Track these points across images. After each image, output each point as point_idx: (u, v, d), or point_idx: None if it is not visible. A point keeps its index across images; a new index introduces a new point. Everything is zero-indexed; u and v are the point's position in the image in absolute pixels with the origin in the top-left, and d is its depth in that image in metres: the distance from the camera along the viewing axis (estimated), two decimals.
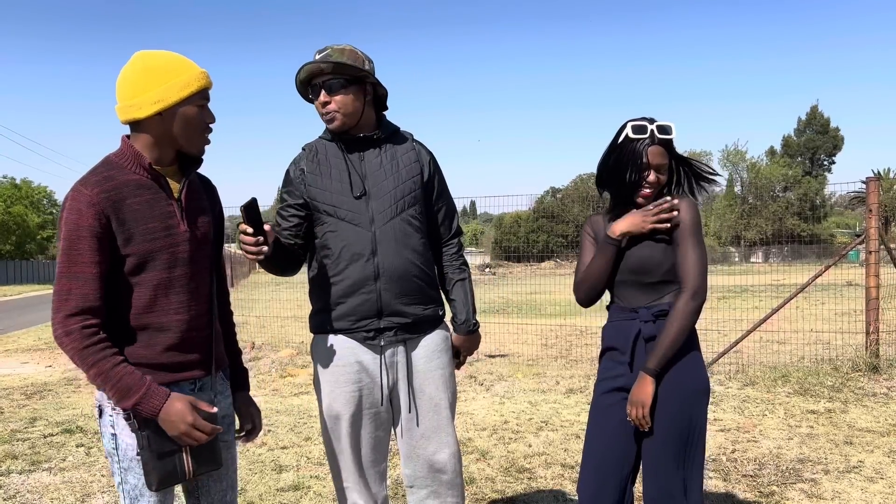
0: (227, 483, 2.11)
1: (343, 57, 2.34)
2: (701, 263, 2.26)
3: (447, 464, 2.51)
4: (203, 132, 1.96)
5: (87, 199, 1.79)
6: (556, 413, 5.80)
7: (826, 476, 4.10)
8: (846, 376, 6.62)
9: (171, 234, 1.90)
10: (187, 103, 1.89)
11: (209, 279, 2.04)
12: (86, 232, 1.78)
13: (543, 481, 4.16)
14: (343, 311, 2.42)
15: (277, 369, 8.22)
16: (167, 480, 1.87)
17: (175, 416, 1.82)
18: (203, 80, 1.91)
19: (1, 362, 10.07)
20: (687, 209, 2.28)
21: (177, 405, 1.82)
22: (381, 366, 2.44)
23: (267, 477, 4.31)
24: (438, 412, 2.50)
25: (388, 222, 2.40)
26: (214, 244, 2.09)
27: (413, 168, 2.49)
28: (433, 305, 2.52)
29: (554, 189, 66.49)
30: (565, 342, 10.23)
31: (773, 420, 5.36)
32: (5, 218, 48.41)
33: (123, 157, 1.90)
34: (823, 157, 61.15)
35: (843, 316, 10.32)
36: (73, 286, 1.78)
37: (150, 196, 1.89)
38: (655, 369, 2.24)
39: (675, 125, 2.32)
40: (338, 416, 2.45)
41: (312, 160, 2.47)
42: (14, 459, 4.76)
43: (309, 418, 5.82)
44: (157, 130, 1.89)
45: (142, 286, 1.87)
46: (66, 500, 3.98)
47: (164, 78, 1.86)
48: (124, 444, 1.89)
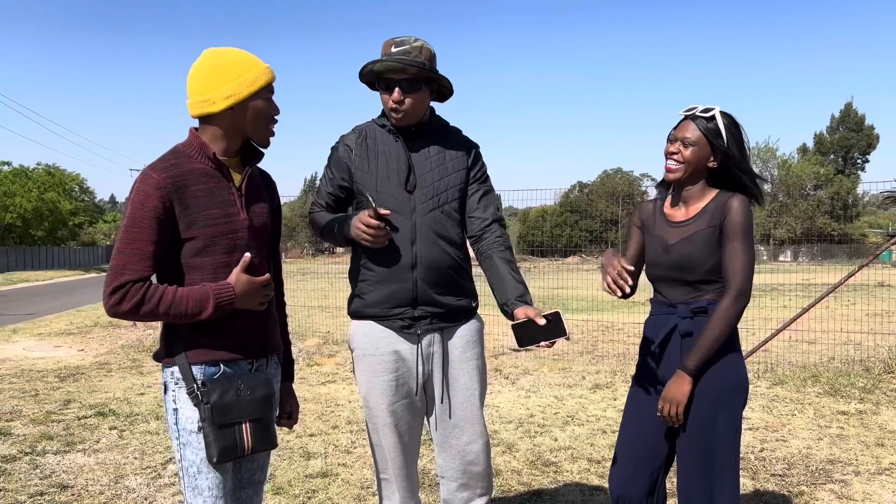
0: (258, 463, 2.17)
1: (422, 57, 2.36)
2: (749, 266, 2.23)
3: (479, 455, 2.53)
4: (270, 123, 2.06)
5: (154, 183, 1.89)
6: (583, 408, 5.79)
7: (857, 477, 4.06)
8: (878, 378, 6.53)
9: (232, 221, 1.99)
10: (257, 97, 1.99)
11: (266, 266, 2.12)
12: (149, 212, 1.87)
13: (569, 475, 4.17)
14: (378, 298, 2.45)
15: (304, 358, 8.30)
16: (227, 453, 1.92)
17: (247, 286, 1.95)
18: (269, 75, 2.02)
19: (34, 346, 10.29)
20: (739, 208, 2.24)
21: (241, 278, 1.95)
22: (418, 355, 2.47)
23: (296, 464, 4.36)
24: (472, 403, 2.52)
25: (428, 213, 2.43)
26: (272, 234, 2.17)
27: (459, 162, 2.52)
28: (466, 298, 2.54)
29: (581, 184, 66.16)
30: (591, 337, 10.20)
31: (802, 420, 5.31)
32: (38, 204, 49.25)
33: (191, 147, 1.99)
34: (857, 156, 60.08)
35: (874, 317, 10.16)
36: (129, 261, 1.86)
37: (214, 184, 1.98)
38: (694, 369, 2.23)
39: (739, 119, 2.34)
40: (375, 405, 2.48)
41: (361, 143, 2.51)
42: (49, 440, 4.87)
43: (336, 407, 5.88)
44: (227, 123, 1.99)
45: (203, 269, 1.96)
46: (101, 481, 4.07)
47: (234, 74, 1.96)
48: (184, 417, 1.96)
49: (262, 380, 2.01)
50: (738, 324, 2.26)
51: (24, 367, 8.25)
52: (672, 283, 2.35)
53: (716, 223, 2.27)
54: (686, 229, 2.33)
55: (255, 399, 1.96)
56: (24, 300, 20.41)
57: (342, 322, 10.86)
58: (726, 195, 2.30)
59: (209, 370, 1.97)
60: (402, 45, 2.36)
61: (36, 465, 4.33)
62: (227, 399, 1.92)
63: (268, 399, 2.00)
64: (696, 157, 2.30)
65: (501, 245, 2.52)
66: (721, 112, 2.31)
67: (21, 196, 48.05)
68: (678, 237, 2.33)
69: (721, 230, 2.26)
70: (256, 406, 1.96)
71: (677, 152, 2.31)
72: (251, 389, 1.96)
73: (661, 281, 2.39)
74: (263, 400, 1.98)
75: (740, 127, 2.34)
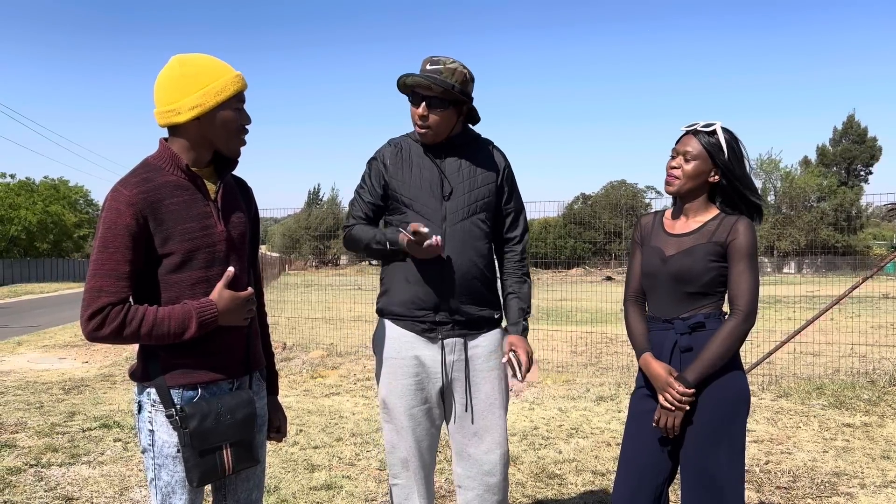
0: (253, 482, 2.14)
1: (453, 79, 2.42)
2: (756, 287, 2.26)
3: (496, 465, 2.54)
4: (239, 134, 1.98)
5: (125, 199, 1.82)
6: (587, 420, 5.78)
7: (862, 490, 4.04)
8: (883, 390, 6.51)
9: (209, 234, 1.93)
10: (225, 107, 1.92)
11: (245, 279, 2.06)
12: (122, 231, 1.81)
13: (574, 487, 4.16)
14: (403, 298, 2.52)
15: (308, 370, 8.31)
16: (207, 477, 1.91)
17: (230, 303, 1.91)
18: (239, 84, 1.94)
19: (39, 357, 10.31)
20: (745, 231, 2.28)
21: (224, 294, 1.91)
22: (442, 361, 2.51)
23: (300, 476, 4.36)
24: (493, 411, 2.55)
25: (458, 223, 2.51)
26: (250, 244, 2.12)
27: (489, 175, 2.59)
28: (489, 308, 2.59)
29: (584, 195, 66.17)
30: (595, 350, 10.19)
31: (807, 432, 5.29)
32: (43, 217, 49.46)
33: (161, 160, 1.93)
34: (860, 168, 59.96)
35: (879, 329, 10.13)
36: (105, 283, 1.80)
37: (188, 197, 1.92)
38: (694, 382, 2.24)
39: (739, 136, 2.36)
40: (394, 408, 2.52)
41: (397, 155, 2.59)
42: (54, 452, 4.88)
43: (340, 419, 5.88)
44: (194, 134, 1.92)
45: (180, 285, 1.90)
46: (106, 493, 4.07)
47: (201, 83, 1.89)
48: (161, 440, 1.92)
49: (243, 401, 1.97)
50: (742, 344, 2.28)
51: (29, 379, 8.27)
52: (668, 295, 2.36)
53: (718, 241, 2.29)
54: (685, 241, 2.34)
55: (236, 422, 1.93)
56: (28, 312, 20.45)
57: (345, 334, 10.87)
58: (732, 217, 2.32)
59: (187, 394, 1.92)
60: (437, 65, 2.43)
61: (41, 478, 4.33)
62: (207, 425, 1.88)
63: (249, 420, 1.96)
64: (697, 171, 2.32)
65: (514, 274, 2.67)
66: (722, 127, 2.33)
67: (26, 209, 48.26)
68: (677, 249, 2.35)
69: (726, 250, 2.29)
70: (237, 429, 1.93)
71: (678, 167, 2.34)
72: (231, 413, 1.92)
73: (656, 292, 2.40)
74: (244, 422, 1.95)
75: (740, 143, 2.37)
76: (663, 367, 2.30)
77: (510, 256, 2.68)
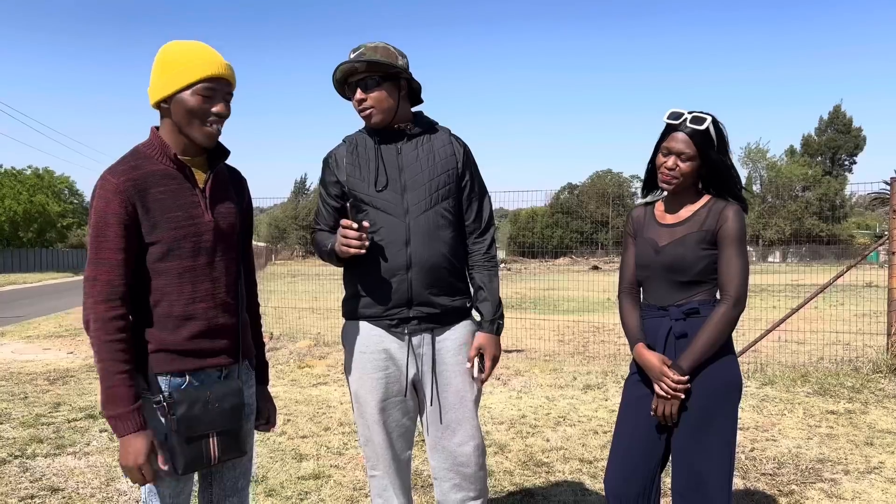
0: (240, 470, 2.14)
1: (376, 55, 2.38)
2: (744, 272, 2.27)
3: (470, 457, 2.54)
4: (203, 121, 1.92)
5: (113, 188, 1.84)
6: (574, 409, 5.81)
7: (846, 476, 4.09)
8: (867, 378, 6.58)
9: (196, 223, 1.93)
10: (188, 91, 1.88)
11: (235, 269, 2.06)
12: (112, 219, 1.83)
13: (562, 475, 4.18)
14: (374, 299, 2.46)
15: (296, 360, 8.29)
16: (193, 465, 1.91)
17: (132, 450, 1.83)
18: (209, 70, 1.88)
19: (23, 348, 10.22)
20: (734, 217, 2.28)
21: (138, 443, 1.83)
22: (408, 355, 2.48)
23: (288, 465, 4.36)
24: (464, 405, 2.53)
25: (422, 214, 2.44)
26: (241, 235, 2.12)
27: (448, 161, 2.52)
28: (461, 297, 2.56)
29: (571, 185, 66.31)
30: (582, 338, 10.23)
31: (792, 420, 5.34)
32: (27, 207, 48.99)
33: (151, 148, 1.94)
34: (844, 157, 60.48)
35: (862, 317, 10.24)
36: (100, 272, 1.83)
37: (175, 186, 1.92)
38: (688, 370, 2.25)
39: (724, 127, 2.34)
40: (365, 402, 2.51)
41: (352, 152, 2.52)
42: (39, 443, 4.84)
43: (328, 409, 5.87)
44: (168, 118, 1.93)
45: (167, 274, 1.91)
46: (92, 484, 4.05)
47: (171, 66, 1.89)
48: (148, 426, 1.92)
49: (232, 389, 1.97)
50: (734, 329, 2.29)
51: (13, 369, 8.20)
52: (663, 284, 2.37)
53: (709, 228, 2.30)
54: (677, 231, 2.35)
55: (224, 411, 1.93)
56: (12, 302, 20.26)
57: (333, 324, 10.84)
58: (721, 203, 2.33)
59: (175, 381, 1.92)
60: (358, 50, 2.42)
61: (26, 469, 4.30)
62: (195, 412, 1.88)
63: (237, 410, 1.96)
64: (693, 168, 2.32)
65: (483, 267, 2.59)
66: (713, 121, 2.31)
67: (10, 199, 47.77)
68: (669, 239, 2.36)
69: (716, 237, 2.29)
70: (225, 418, 1.93)
71: (674, 168, 2.30)
72: (219, 401, 1.92)
73: (651, 282, 2.41)
74: (232, 411, 1.95)
75: (725, 136, 2.36)
76: (656, 356, 2.31)
77: (477, 248, 2.59)
